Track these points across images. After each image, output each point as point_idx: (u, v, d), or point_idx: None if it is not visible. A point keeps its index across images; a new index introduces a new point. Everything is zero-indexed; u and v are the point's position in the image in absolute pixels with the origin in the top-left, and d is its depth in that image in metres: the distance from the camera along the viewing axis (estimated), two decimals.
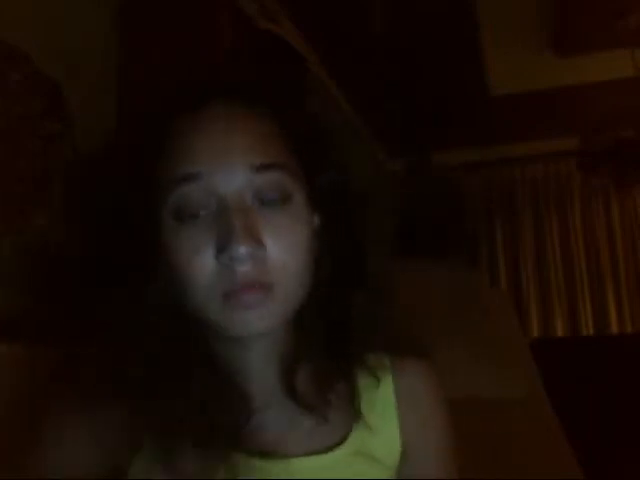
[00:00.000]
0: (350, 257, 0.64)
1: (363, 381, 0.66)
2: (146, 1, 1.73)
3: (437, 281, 1.33)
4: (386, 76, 3.02)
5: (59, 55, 1.49)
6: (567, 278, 4.05)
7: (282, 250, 0.57)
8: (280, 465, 0.60)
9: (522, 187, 4.22)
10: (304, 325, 0.64)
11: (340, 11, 2.50)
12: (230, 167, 0.57)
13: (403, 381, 0.68)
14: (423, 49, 2.86)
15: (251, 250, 0.55)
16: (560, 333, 3.98)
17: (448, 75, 3.11)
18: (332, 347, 0.64)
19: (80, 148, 1.52)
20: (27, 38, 1.38)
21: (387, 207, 0.69)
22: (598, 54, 3.03)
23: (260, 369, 0.63)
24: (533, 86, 3.32)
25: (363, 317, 0.64)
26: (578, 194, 4.13)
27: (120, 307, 0.59)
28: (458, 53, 2.93)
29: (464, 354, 1.22)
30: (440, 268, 1.42)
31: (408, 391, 0.68)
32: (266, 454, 0.60)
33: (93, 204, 0.64)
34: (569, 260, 4.06)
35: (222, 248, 0.55)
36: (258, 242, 0.56)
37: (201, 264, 0.56)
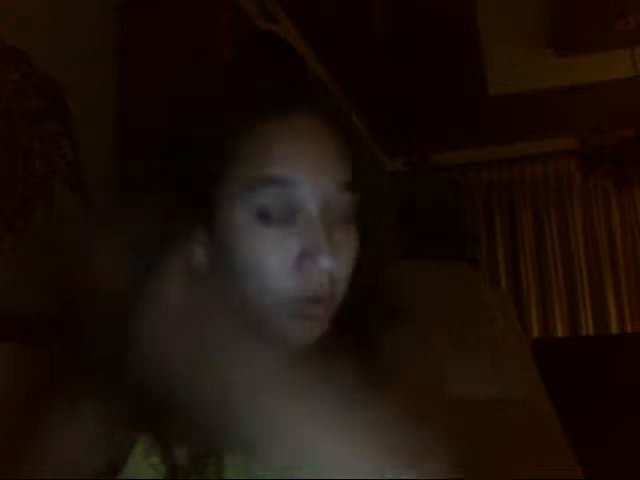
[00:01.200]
0: (371, 261, 0.66)
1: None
2: (146, 1, 1.73)
3: (437, 281, 1.33)
4: (386, 76, 3.02)
5: (59, 55, 1.49)
6: (567, 278, 4.05)
7: (344, 269, 0.59)
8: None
9: (522, 187, 4.22)
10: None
11: (340, 11, 2.51)
12: (323, 179, 0.58)
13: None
14: (423, 49, 2.87)
15: (334, 265, 0.56)
16: (560, 333, 3.98)
17: (448, 75, 3.11)
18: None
19: (80, 148, 1.53)
20: (27, 38, 1.38)
21: (387, 207, 0.70)
22: (598, 54, 3.03)
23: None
24: (533, 86, 3.32)
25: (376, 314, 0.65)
26: (578, 194, 4.13)
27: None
28: (458, 53, 2.93)
29: (464, 353, 1.22)
30: (440, 268, 1.42)
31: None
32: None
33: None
34: (569, 260, 4.06)
35: (309, 255, 0.56)
36: (334, 259, 0.57)
37: (280, 266, 0.56)
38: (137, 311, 0.53)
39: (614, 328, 3.91)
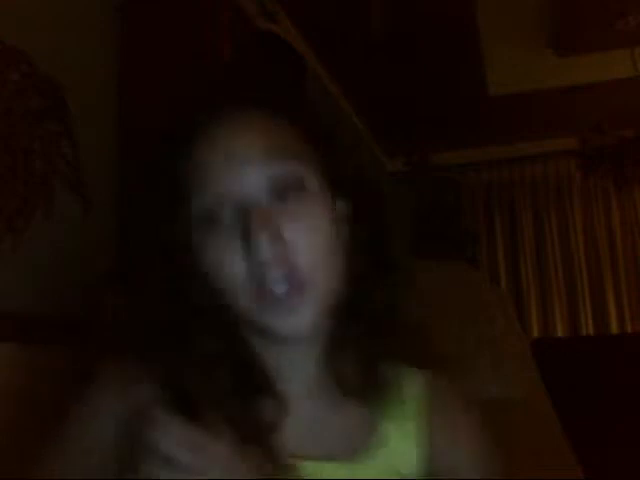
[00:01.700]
0: (376, 241, 0.65)
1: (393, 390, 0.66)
2: (146, 1, 1.73)
3: (437, 281, 1.33)
4: (386, 76, 3.02)
5: (59, 55, 1.49)
6: (567, 278, 4.05)
7: (305, 240, 0.58)
8: (307, 468, 0.60)
9: (522, 187, 4.22)
10: (342, 315, 0.64)
11: (340, 11, 2.51)
12: (242, 169, 0.59)
13: (436, 399, 0.68)
14: (423, 49, 2.86)
15: (271, 239, 0.56)
16: (560, 333, 3.98)
17: (448, 75, 3.11)
18: (371, 337, 0.65)
19: (80, 148, 1.53)
20: (27, 38, 1.38)
21: (403, 199, 0.70)
22: (598, 54, 3.03)
23: (298, 366, 0.64)
24: (533, 86, 3.32)
25: (395, 306, 0.64)
26: (578, 194, 4.13)
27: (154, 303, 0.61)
28: (458, 53, 2.93)
29: (463, 353, 1.22)
30: (440, 268, 1.42)
31: (440, 408, 0.67)
32: (295, 455, 0.60)
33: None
34: (569, 260, 4.06)
35: (246, 247, 0.56)
36: (279, 239, 0.57)
37: (231, 266, 0.57)
38: None
39: (614, 328, 3.91)
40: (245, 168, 0.59)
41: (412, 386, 0.67)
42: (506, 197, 4.24)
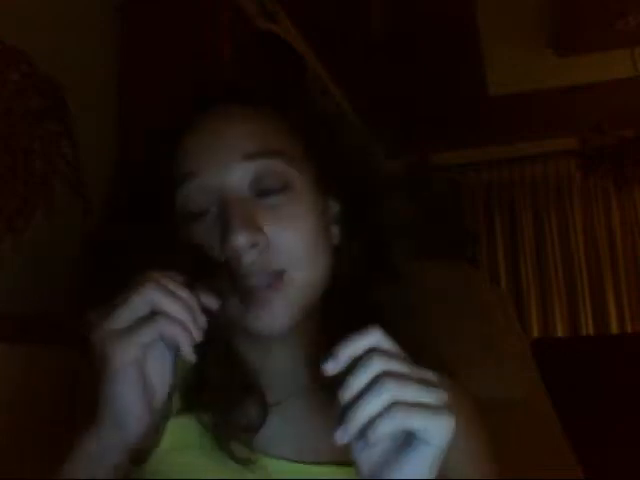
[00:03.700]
0: (372, 241, 0.64)
1: None
2: (146, 1, 1.73)
3: (436, 280, 1.33)
4: (386, 76, 3.02)
5: (59, 55, 1.49)
6: (567, 278, 4.05)
7: (286, 236, 0.57)
8: (292, 469, 0.59)
9: (522, 187, 4.22)
10: (329, 316, 0.63)
11: (340, 11, 2.51)
12: (223, 160, 0.58)
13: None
14: (423, 49, 2.86)
15: (250, 239, 0.55)
16: (560, 333, 3.98)
17: (448, 75, 3.11)
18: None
19: (80, 148, 1.53)
20: (27, 38, 1.38)
21: (405, 195, 0.68)
22: (598, 54, 3.03)
23: (283, 368, 0.63)
24: (533, 86, 3.32)
25: (388, 306, 0.63)
26: (578, 194, 4.12)
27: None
28: (458, 53, 2.93)
29: (463, 353, 1.22)
30: (440, 268, 1.42)
31: None
32: (279, 456, 0.59)
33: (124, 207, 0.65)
34: (569, 260, 4.06)
35: (223, 241, 0.55)
36: (257, 231, 0.56)
37: (211, 256, 0.56)
38: None
39: (614, 328, 3.91)
40: (230, 160, 0.58)
41: None
42: (506, 197, 4.24)
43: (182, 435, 0.59)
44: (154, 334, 0.48)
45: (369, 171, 0.66)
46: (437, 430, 0.45)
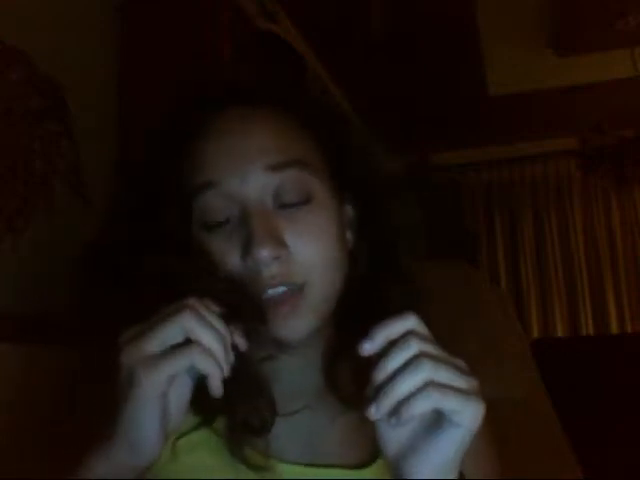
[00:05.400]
0: (386, 244, 0.63)
1: None
2: (146, 1, 1.73)
3: (436, 280, 1.33)
4: (386, 76, 3.02)
5: (59, 55, 1.49)
6: (567, 278, 4.05)
7: (307, 248, 0.57)
8: (304, 472, 0.59)
9: (522, 187, 4.22)
10: (343, 320, 0.62)
11: (340, 11, 2.51)
12: (246, 171, 0.57)
13: None
14: (423, 49, 2.86)
15: (273, 252, 0.55)
16: (560, 333, 3.98)
17: (448, 75, 3.11)
18: None
19: (80, 148, 1.53)
20: (27, 38, 1.38)
21: (412, 195, 0.68)
22: (598, 54, 3.03)
23: (299, 375, 0.62)
24: (533, 86, 3.32)
25: (397, 307, 0.63)
26: (578, 194, 4.13)
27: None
28: (458, 53, 2.93)
29: (463, 353, 1.22)
30: (440, 268, 1.42)
31: None
32: (291, 461, 0.59)
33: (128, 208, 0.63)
34: (569, 260, 4.06)
35: (245, 253, 0.55)
36: (280, 244, 0.55)
37: (228, 271, 0.56)
38: None
39: (614, 328, 3.91)
40: (252, 171, 0.57)
41: None
42: (506, 197, 4.24)
43: (192, 437, 0.58)
44: (187, 363, 0.47)
45: (381, 173, 0.66)
46: (469, 413, 0.46)
